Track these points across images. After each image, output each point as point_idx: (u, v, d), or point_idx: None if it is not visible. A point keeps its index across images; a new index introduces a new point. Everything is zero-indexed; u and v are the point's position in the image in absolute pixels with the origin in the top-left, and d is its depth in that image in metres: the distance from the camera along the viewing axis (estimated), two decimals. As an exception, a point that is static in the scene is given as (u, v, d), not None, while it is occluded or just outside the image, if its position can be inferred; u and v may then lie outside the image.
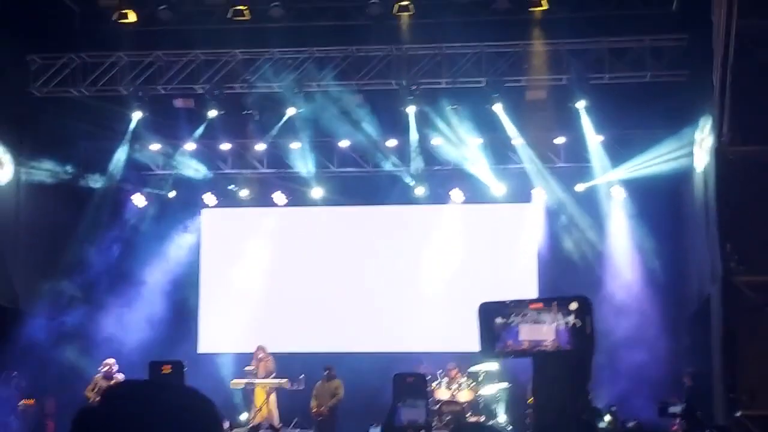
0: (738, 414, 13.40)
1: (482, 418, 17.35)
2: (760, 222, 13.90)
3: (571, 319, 1.66)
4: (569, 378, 1.62)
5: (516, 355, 1.70)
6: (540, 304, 1.68)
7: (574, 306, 1.68)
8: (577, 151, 20.01)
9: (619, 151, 19.55)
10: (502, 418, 18.14)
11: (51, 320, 18.91)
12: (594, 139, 19.53)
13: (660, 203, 19.21)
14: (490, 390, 18.21)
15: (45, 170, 19.66)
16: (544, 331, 1.65)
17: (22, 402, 18.11)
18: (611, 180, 19.91)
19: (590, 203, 20.13)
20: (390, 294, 20.65)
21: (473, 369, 18.23)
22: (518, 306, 1.72)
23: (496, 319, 1.69)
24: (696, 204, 17.18)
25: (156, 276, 20.74)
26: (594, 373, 1.69)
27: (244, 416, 18.60)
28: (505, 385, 18.20)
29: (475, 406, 18.07)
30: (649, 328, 18.54)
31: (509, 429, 17.85)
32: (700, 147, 16.87)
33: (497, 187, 20.60)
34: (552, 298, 1.70)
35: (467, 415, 17.25)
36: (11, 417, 17.86)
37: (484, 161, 20.33)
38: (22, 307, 18.88)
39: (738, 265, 14.51)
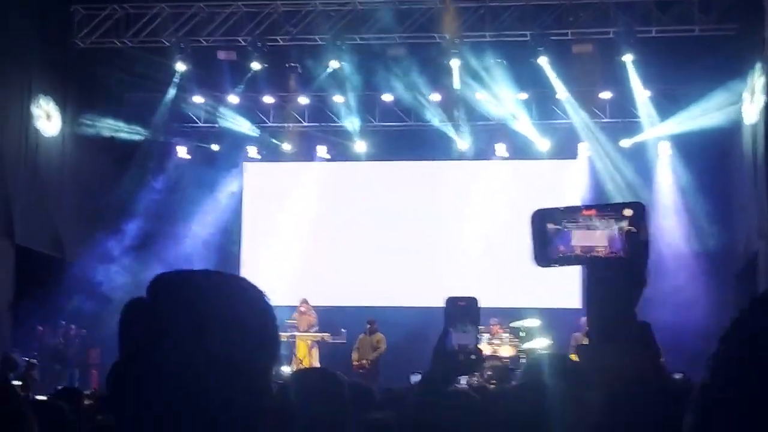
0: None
1: (524, 374, 17.29)
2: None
3: (625, 225, 1.61)
4: (623, 285, 1.58)
5: (569, 261, 1.66)
6: (594, 211, 1.63)
7: (628, 212, 1.63)
8: (623, 106, 19.78)
9: (666, 107, 19.30)
10: (543, 373, 18.05)
11: (96, 270, 19.07)
12: (641, 94, 19.28)
13: (707, 159, 18.95)
14: (531, 346, 18.15)
15: (89, 122, 19.78)
16: (597, 237, 1.60)
17: (73, 327, 18.38)
18: (658, 135, 19.66)
19: (636, 159, 19.90)
20: (432, 249, 20.59)
21: (515, 324, 18.16)
22: (571, 212, 1.67)
23: (548, 225, 1.65)
24: (744, 159, 16.94)
25: (198, 229, 20.83)
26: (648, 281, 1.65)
27: (286, 369, 18.69)
28: (546, 341, 18.12)
29: (516, 361, 18.01)
30: (695, 285, 18.36)
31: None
32: (749, 101, 16.60)
33: (541, 142, 20.44)
34: (606, 204, 1.65)
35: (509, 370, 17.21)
36: (59, 339, 18.11)
37: (529, 116, 20.16)
38: (68, 257, 19.07)
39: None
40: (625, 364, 1.65)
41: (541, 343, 18.15)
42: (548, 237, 1.85)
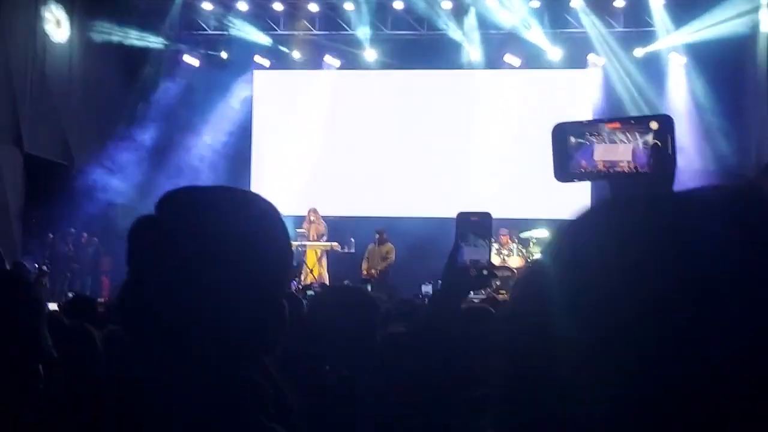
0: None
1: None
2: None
3: (651, 138, 1.55)
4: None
5: (590, 177, 1.60)
6: (617, 124, 1.57)
7: (654, 125, 1.58)
8: (637, 15, 19.53)
9: (680, 15, 19.02)
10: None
11: (105, 178, 19.07)
12: (656, 2, 19.00)
13: (721, 68, 18.71)
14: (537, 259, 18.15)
15: (98, 29, 19.59)
16: (621, 151, 1.54)
17: (84, 235, 18.48)
18: (672, 45, 19.43)
19: (649, 69, 19.69)
20: (442, 159, 20.52)
21: (524, 235, 18.18)
22: (594, 125, 1.61)
23: (569, 139, 1.60)
24: (759, 70, 16.75)
25: (208, 137, 20.79)
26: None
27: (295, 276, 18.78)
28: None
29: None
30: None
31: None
32: (763, 10, 16.35)
33: (553, 51, 20.22)
34: (631, 117, 1.59)
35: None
36: (69, 247, 18.22)
37: (541, 25, 19.92)
38: (77, 164, 19.06)
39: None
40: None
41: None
42: (569, 151, 1.78)
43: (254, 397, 1.59)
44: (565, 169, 1.78)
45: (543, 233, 18.10)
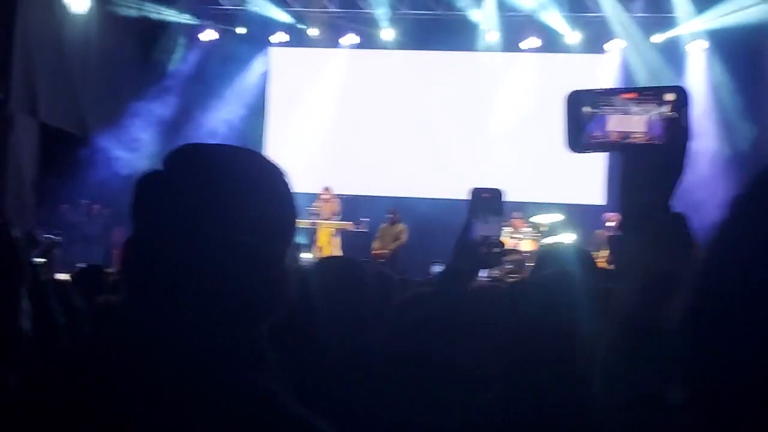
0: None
1: (544, 268, 17.32)
2: None
3: (666, 110, 1.53)
4: (661, 173, 1.50)
5: (603, 147, 1.58)
6: (633, 94, 1.55)
7: (670, 96, 1.56)
8: (656, 0, 19.41)
9: (701, 3, 18.90)
10: (564, 269, 18.08)
11: (120, 150, 19.10)
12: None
13: (742, 56, 18.63)
14: (553, 240, 18.13)
15: (116, 1, 19.58)
16: (635, 122, 1.52)
17: (97, 206, 18.52)
18: (691, 31, 19.32)
19: (668, 55, 19.60)
20: (457, 140, 20.50)
21: (536, 219, 18.14)
22: (609, 95, 1.59)
23: (583, 109, 1.57)
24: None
25: (223, 112, 20.80)
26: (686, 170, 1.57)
27: (307, 255, 18.78)
28: (569, 236, 18.09)
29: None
30: (722, 182, 18.19)
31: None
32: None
33: (572, 35, 20.14)
34: (646, 87, 1.57)
35: (528, 265, 17.25)
36: (81, 218, 18.26)
37: (559, 8, 19.84)
38: (92, 135, 19.08)
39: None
40: (659, 255, 1.58)
41: (563, 239, 18.13)
42: (582, 121, 1.76)
43: (255, 358, 1.58)
44: (578, 139, 1.76)
45: (556, 218, 18.05)
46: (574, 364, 2.29)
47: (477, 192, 2.88)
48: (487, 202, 2.86)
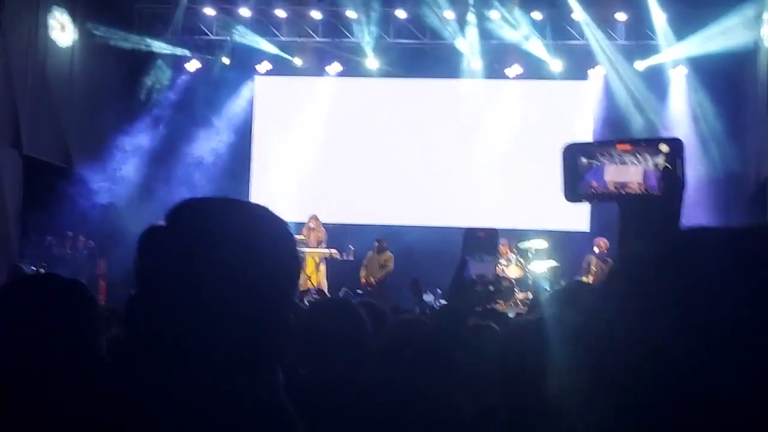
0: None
1: (530, 295, 17.37)
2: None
3: (661, 161, 1.56)
4: (657, 223, 1.52)
5: (601, 198, 1.60)
6: (628, 146, 1.57)
7: (664, 148, 1.58)
8: (639, 28, 19.58)
9: (682, 29, 19.06)
10: (550, 295, 18.12)
11: (104, 182, 19.09)
12: (658, 16, 19.06)
13: (722, 82, 18.76)
14: (538, 267, 18.18)
15: (99, 33, 19.61)
16: (632, 173, 1.54)
17: (81, 238, 18.45)
18: (673, 58, 19.47)
19: (650, 81, 19.73)
20: (442, 168, 20.54)
21: (523, 245, 18.18)
22: (605, 146, 1.62)
23: (580, 159, 1.59)
24: (759, 83, 16.77)
25: (208, 142, 20.79)
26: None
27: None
28: (553, 263, 18.15)
29: (523, 282, 18.07)
30: (705, 209, 18.28)
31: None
32: (766, 25, 16.37)
33: (554, 63, 20.26)
34: (641, 138, 1.60)
35: (515, 291, 17.28)
36: (66, 250, 18.18)
37: (542, 36, 19.98)
38: (76, 167, 19.05)
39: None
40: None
41: (547, 265, 18.19)
42: (580, 171, 1.78)
43: (258, 410, 1.59)
44: (575, 189, 1.78)
45: (541, 244, 18.11)
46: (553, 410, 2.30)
47: (472, 232, 2.90)
48: (482, 242, 2.89)
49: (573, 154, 1.79)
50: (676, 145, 1.77)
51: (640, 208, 1.74)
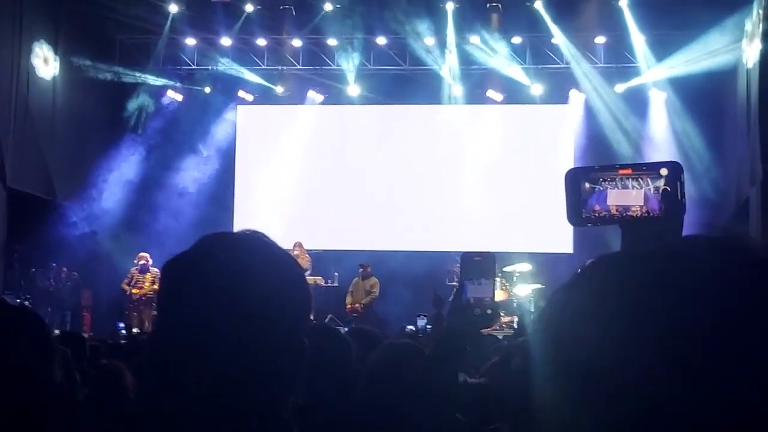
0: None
1: (515, 318, 17.39)
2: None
3: (661, 184, 1.60)
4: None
5: (603, 221, 1.64)
6: (629, 170, 1.62)
7: (664, 171, 1.63)
8: (618, 51, 19.75)
9: (661, 51, 19.23)
10: (535, 318, 18.12)
11: (87, 213, 19.07)
12: (637, 39, 19.23)
13: (703, 103, 18.89)
14: (523, 290, 18.22)
15: (81, 65, 19.64)
16: (633, 196, 1.58)
17: (65, 269, 18.40)
18: (652, 80, 19.62)
19: (631, 103, 19.87)
20: (426, 193, 20.60)
21: (507, 269, 18.22)
22: (607, 171, 1.66)
23: (583, 184, 1.63)
24: (738, 103, 16.89)
25: (190, 172, 20.80)
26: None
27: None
28: (538, 285, 18.19)
29: (508, 305, 18.10)
30: (687, 228, 18.36)
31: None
32: (747, 45, 16.51)
33: (535, 87, 20.40)
34: (642, 163, 1.65)
35: (500, 315, 17.30)
36: (50, 282, 18.12)
37: (522, 61, 20.12)
38: (59, 199, 19.03)
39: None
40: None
41: (532, 288, 18.23)
42: (583, 196, 1.84)
43: None
44: (579, 214, 1.83)
45: (526, 267, 18.15)
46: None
47: (469, 256, 2.96)
48: (479, 265, 2.95)
49: (576, 178, 1.85)
50: (675, 168, 1.83)
51: (641, 230, 1.80)
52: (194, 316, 1.62)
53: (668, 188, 1.81)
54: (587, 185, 1.84)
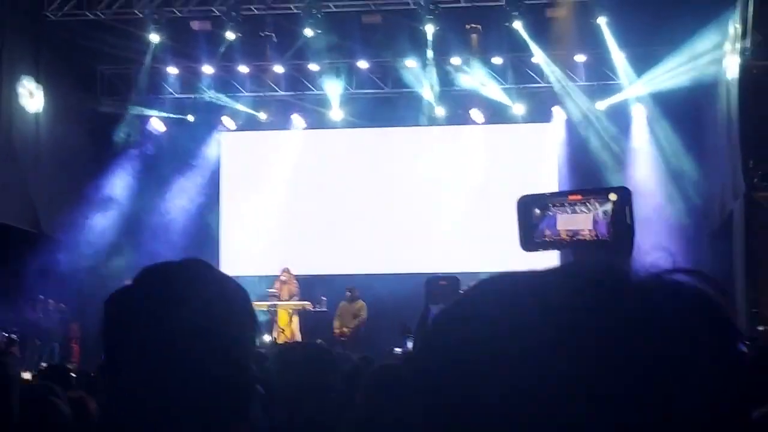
0: (761, 328, 13.40)
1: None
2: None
3: (610, 208, 1.63)
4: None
5: (555, 246, 1.67)
6: (579, 196, 1.65)
7: (613, 196, 1.66)
8: (599, 69, 19.82)
9: (642, 68, 19.31)
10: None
11: (73, 245, 19.02)
12: (617, 56, 19.33)
13: (684, 117, 18.96)
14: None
15: (63, 96, 19.66)
16: (582, 221, 1.61)
17: (51, 302, 18.35)
18: (634, 95, 19.70)
19: (613, 120, 19.95)
20: (412, 215, 20.59)
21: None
22: (557, 197, 1.69)
23: (534, 210, 1.67)
24: (719, 117, 16.96)
25: (176, 200, 20.79)
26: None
27: (267, 337, 18.73)
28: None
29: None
30: (672, 243, 18.43)
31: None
32: (726, 58, 16.59)
33: (517, 107, 20.47)
34: (591, 189, 1.68)
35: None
36: (38, 314, 18.07)
37: (504, 81, 20.20)
38: (45, 231, 18.99)
39: (760, 181, 14.41)
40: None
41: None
42: (534, 222, 1.88)
43: None
44: (531, 239, 1.87)
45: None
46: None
47: (434, 279, 2.99)
48: (444, 289, 2.97)
49: (527, 206, 1.89)
50: (624, 193, 1.87)
51: (591, 254, 1.84)
52: (136, 349, 1.65)
53: (617, 212, 1.85)
54: (537, 211, 1.88)
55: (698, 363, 0.88)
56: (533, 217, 1.81)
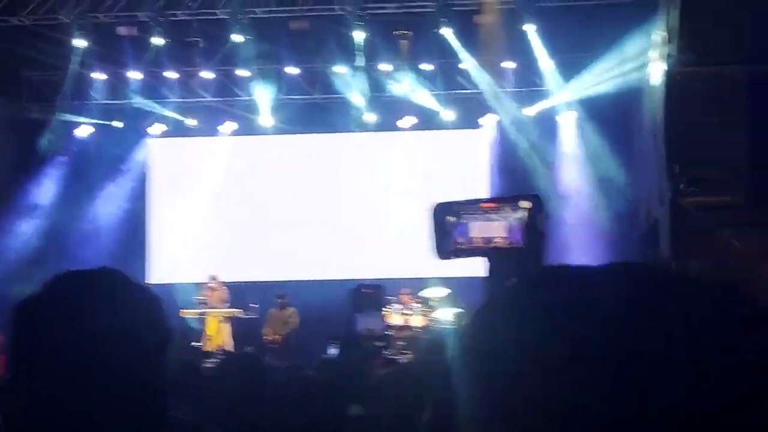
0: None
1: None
2: (708, 143, 13.93)
3: (523, 215, 1.64)
4: (521, 274, 1.59)
5: (468, 253, 1.67)
6: (492, 203, 1.66)
7: (525, 204, 1.67)
8: (527, 75, 19.98)
9: (570, 75, 19.52)
10: (455, 342, 18.18)
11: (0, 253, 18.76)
12: (545, 62, 19.50)
13: (612, 123, 19.22)
14: (444, 315, 18.23)
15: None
16: (495, 228, 1.62)
17: None
18: (561, 102, 19.91)
19: (542, 126, 20.14)
20: (342, 221, 20.62)
21: (424, 294, 18.22)
22: (470, 204, 1.70)
23: (447, 218, 1.67)
24: (645, 123, 17.17)
25: (104, 206, 20.59)
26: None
27: (196, 344, 18.56)
28: (459, 309, 18.23)
29: (428, 330, 18.13)
30: (600, 250, 18.65)
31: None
32: (651, 64, 16.79)
33: (447, 113, 20.57)
34: (504, 196, 1.69)
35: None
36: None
37: (433, 87, 20.28)
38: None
39: (686, 186, 14.59)
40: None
41: (453, 312, 18.26)
42: (447, 229, 1.87)
43: None
44: (444, 246, 1.86)
45: (442, 292, 18.18)
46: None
47: (358, 288, 2.98)
48: (369, 297, 2.97)
49: (440, 213, 1.88)
50: (535, 201, 1.87)
51: (506, 261, 1.84)
52: (44, 358, 1.62)
53: (529, 219, 1.85)
54: (451, 219, 1.87)
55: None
56: (446, 225, 1.80)
